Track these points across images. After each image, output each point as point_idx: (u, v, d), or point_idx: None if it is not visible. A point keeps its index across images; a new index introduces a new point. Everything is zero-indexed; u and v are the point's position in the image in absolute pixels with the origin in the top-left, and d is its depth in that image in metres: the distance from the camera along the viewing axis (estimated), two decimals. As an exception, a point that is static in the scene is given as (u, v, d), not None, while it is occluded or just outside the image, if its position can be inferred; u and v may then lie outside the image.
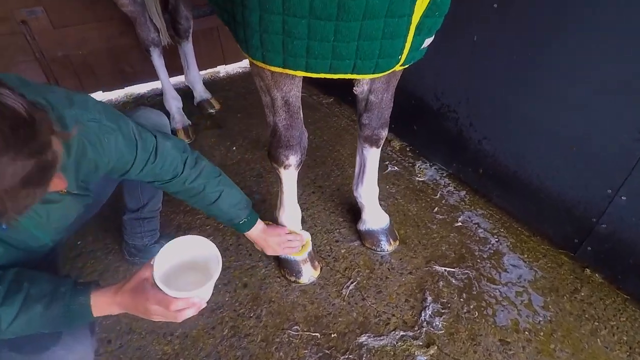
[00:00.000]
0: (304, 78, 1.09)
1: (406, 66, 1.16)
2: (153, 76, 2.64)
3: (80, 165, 0.96)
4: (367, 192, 1.64)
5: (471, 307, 1.51)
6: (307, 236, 1.60)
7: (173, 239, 1.01)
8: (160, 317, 0.98)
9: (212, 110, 2.76)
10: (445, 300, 1.53)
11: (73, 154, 0.91)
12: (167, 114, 2.50)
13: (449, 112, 1.98)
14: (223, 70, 3.34)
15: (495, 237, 1.79)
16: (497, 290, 1.57)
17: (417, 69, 2.04)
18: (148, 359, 1.37)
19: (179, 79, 2.94)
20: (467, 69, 1.80)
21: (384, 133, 1.46)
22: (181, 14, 2.41)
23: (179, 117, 2.48)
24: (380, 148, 1.52)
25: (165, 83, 2.42)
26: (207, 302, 1.50)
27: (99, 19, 2.69)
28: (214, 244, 1.02)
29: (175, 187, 1.23)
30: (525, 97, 1.62)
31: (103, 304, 0.96)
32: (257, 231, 1.44)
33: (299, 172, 2.18)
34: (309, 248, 1.59)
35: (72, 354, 1.14)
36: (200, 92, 2.78)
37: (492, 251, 1.73)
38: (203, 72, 3.24)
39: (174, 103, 2.47)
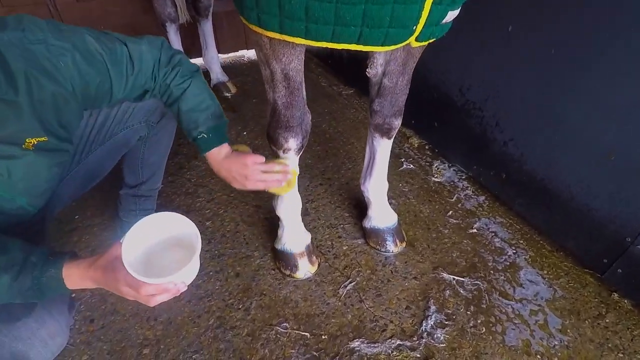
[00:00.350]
0: (317, 55, 0.97)
1: (424, 44, 1.03)
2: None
3: (42, 104, 0.84)
4: (375, 187, 1.52)
5: (478, 321, 1.37)
6: (293, 168, 1.25)
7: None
8: (132, 299, 0.91)
9: (227, 94, 2.69)
10: (450, 312, 1.39)
11: (22, 90, 0.79)
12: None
13: (474, 110, 1.83)
14: (246, 54, 3.27)
15: (513, 248, 1.64)
16: (509, 306, 1.42)
17: (443, 60, 1.91)
18: (128, 343, 1.30)
19: (198, 61, 2.89)
20: (498, 63, 1.65)
21: (397, 122, 1.34)
22: (203, -9, 2.34)
23: (192, 98, 2.42)
24: (392, 139, 1.39)
25: (181, 61, 2.36)
26: (197, 289, 1.45)
27: (123, -6, 2.66)
28: (192, 222, 0.92)
29: (158, 90, 1.08)
30: (561, 97, 1.45)
31: (76, 277, 0.89)
32: (220, 157, 1.11)
33: (308, 162, 2.10)
34: (294, 186, 1.27)
35: (44, 328, 1.09)
36: (217, 74, 2.71)
37: (508, 263, 1.58)
38: (225, 56, 3.18)
39: (188, 83, 2.41)
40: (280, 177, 1.16)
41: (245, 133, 2.32)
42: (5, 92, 0.77)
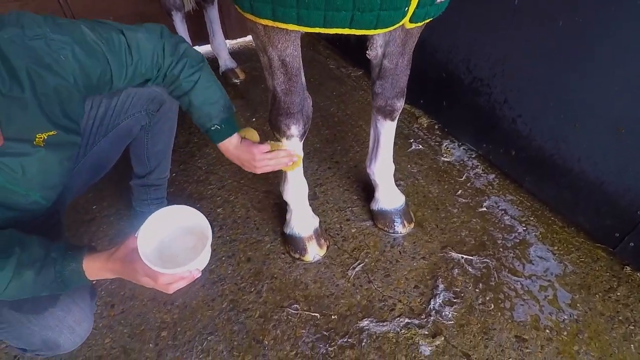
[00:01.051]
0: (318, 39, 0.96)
1: (420, 24, 1.02)
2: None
3: (46, 97, 0.85)
4: (381, 169, 1.52)
5: (487, 298, 1.38)
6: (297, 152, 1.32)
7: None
8: (151, 287, 0.95)
9: (236, 80, 2.70)
10: (458, 290, 1.41)
11: (26, 86, 0.81)
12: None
13: (482, 87, 1.80)
14: (253, 40, 3.26)
15: (523, 225, 1.63)
16: (518, 283, 1.43)
17: (449, 38, 1.87)
18: (147, 326, 1.36)
19: (206, 48, 2.90)
20: (504, 38, 1.61)
21: (400, 104, 1.33)
22: (206, -22, 2.34)
23: (200, 86, 2.44)
24: (395, 121, 1.39)
25: (187, 50, 2.37)
26: (210, 274, 1.50)
27: (129, -17, 2.68)
28: (202, 214, 0.96)
29: (162, 81, 1.09)
30: (569, 70, 1.41)
31: (95, 269, 0.94)
32: (232, 145, 1.17)
33: (316, 147, 2.11)
34: (300, 164, 1.36)
35: (70, 315, 1.15)
36: (226, 61, 2.72)
37: (518, 240, 1.57)
38: (233, 42, 3.18)
39: (196, 71, 2.43)
40: (286, 160, 1.25)
41: (254, 119, 2.33)
42: (10, 88, 0.79)
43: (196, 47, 2.65)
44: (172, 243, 1.00)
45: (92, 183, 1.44)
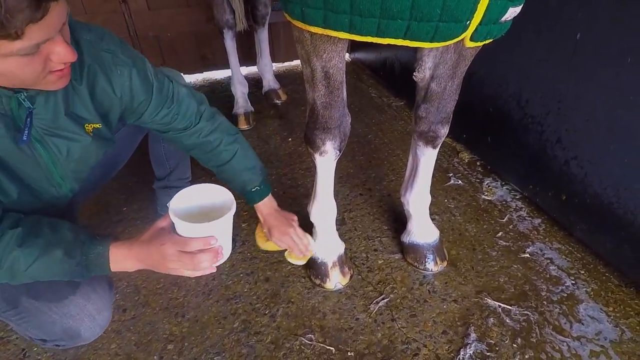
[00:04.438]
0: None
1: (479, 44, 0.95)
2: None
3: (94, 94, 0.93)
4: (417, 199, 1.43)
5: (526, 356, 1.22)
6: (312, 248, 1.37)
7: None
8: (176, 264, 0.94)
9: (277, 101, 2.73)
10: (492, 342, 1.25)
11: (84, 79, 0.90)
12: (233, 98, 2.51)
13: (533, 125, 1.69)
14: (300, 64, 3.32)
15: (572, 278, 1.46)
16: (564, 344, 1.25)
17: (500, 71, 1.79)
18: (154, 336, 1.30)
19: (253, 69, 2.96)
20: (563, 75, 1.50)
21: (444, 131, 1.25)
22: (261, 0, 2.41)
23: (242, 102, 2.47)
24: (437, 149, 1.30)
25: (234, 67, 2.43)
26: (225, 289, 1.44)
27: (189, 3, 2.83)
28: (228, 191, 1.04)
29: (189, 139, 1.17)
30: (636, 112, 1.29)
31: (120, 256, 0.95)
32: (268, 208, 1.29)
33: (350, 172, 2.04)
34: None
35: (91, 304, 1.15)
36: (270, 82, 2.77)
37: (565, 295, 1.40)
38: (279, 65, 3.25)
39: (240, 88, 2.47)
40: (303, 249, 1.32)
41: (290, 139, 2.32)
42: (75, 77, 0.88)
43: (243, 68, 2.73)
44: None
45: (103, 183, 1.44)
